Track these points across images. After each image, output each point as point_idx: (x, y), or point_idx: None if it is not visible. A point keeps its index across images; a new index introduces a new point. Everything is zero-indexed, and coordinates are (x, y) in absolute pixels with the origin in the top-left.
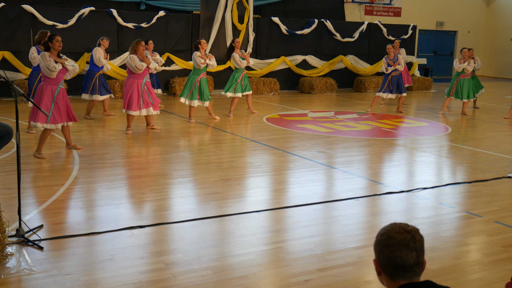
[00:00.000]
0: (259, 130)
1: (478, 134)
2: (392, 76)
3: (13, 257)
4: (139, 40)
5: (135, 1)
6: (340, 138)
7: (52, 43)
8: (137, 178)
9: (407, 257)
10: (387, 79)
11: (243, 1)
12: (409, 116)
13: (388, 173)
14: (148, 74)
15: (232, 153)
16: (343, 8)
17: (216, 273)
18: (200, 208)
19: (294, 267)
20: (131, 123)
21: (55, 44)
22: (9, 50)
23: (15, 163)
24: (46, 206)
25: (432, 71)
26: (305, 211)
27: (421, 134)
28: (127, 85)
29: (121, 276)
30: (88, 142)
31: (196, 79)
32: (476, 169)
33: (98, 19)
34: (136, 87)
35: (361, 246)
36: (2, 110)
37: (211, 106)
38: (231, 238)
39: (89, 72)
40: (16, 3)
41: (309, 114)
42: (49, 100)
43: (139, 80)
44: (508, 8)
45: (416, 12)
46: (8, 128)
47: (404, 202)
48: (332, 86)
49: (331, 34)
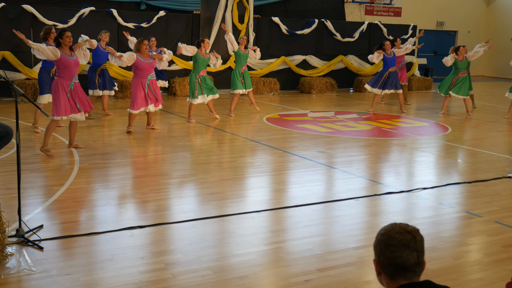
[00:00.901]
0: (259, 130)
1: (478, 134)
2: (389, 72)
3: (13, 257)
4: (142, 39)
5: (135, 1)
6: (340, 138)
7: (63, 39)
8: (137, 178)
9: (408, 257)
10: (383, 75)
11: (243, 1)
12: (409, 116)
13: (388, 173)
14: (153, 72)
15: (232, 153)
16: (343, 8)
17: (216, 273)
18: (200, 208)
19: (294, 267)
20: (132, 122)
21: (65, 40)
22: (9, 50)
23: (15, 163)
24: (46, 206)
25: (432, 71)
26: (305, 211)
27: (421, 134)
28: (132, 85)
29: (121, 276)
30: (88, 142)
31: (196, 77)
32: (476, 169)
33: (98, 19)
34: (141, 87)
35: (361, 246)
36: (2, 110)
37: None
38: (231, 238)
39: (91, 68)
40: (16, 3)
41: (309, 114)
42: (64, 94)
43: (143, 79)
44: (508, 8)
45: (416, 12)
46: (8, 128)
47: (404, 202)
48: (332, 86)
49: (331, 34)
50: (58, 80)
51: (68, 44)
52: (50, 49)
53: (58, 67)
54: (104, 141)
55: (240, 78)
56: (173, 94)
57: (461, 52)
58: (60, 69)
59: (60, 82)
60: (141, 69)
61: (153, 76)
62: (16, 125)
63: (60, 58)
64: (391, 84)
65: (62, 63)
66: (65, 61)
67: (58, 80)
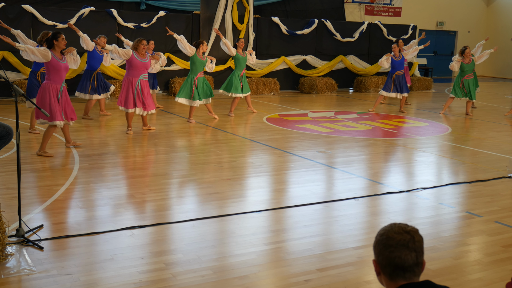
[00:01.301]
0: (259, 130)
1: (478, 134)
2: (396, 75)
3: (13, 257)
4: (141, 39)
5: (135, 1)
6: (340, 138)
7: (58, 41)
8: (137, 178)
9: (407, 258)
10: (392, 78)
11: (243, 1)
12: (409, 116)
13: (388, 173)
14: (146, 73)
15: (232, 153)
16: (343, 8)
17: (216, 273)
18: (200, 208)
19: (294, 267)
20: (131, 122)
21: (60, 42)
22: (9, 50)
23: (15, 163)
24: (46, 206)
25: (432, 71)
26: (305, 211)
27: (421, 134)
28: (123, 82)
29: (121, 276)
30: (87, 142)
31: (194, 78)
32: (476, 169)
33: (98, 19)
34: (131, 85)
35: (361, 246)
36: (2, 110)
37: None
38: (231, 238)
39: (86, 71)
40: (16, 3)
41: (309, 114)
42: (54, 98)
43: (134, 78)
44: (508, 8)
45: (416, 12)
46: (8, 129)
47: (404, 202)
48: (332, 86)
49: (331, 34)
50: (49, 84)
51: (62, 46)
52: (40, 51)
53: (48, 70)
54: (104, 141)
55: (240, 82)
56: (173, 94)
57: (467, 55)
58: (50, 72)
59: (50, 86)
60: (135, 68)
61: (145, 77)
62: (16, 125)
63: (51, 61)
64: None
65: (53, 66)
66: (56, 64)
67: (48, 84)
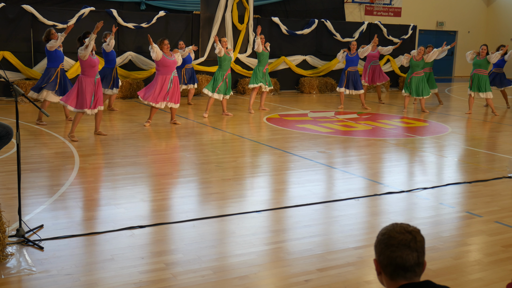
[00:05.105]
0: (259, 130)
1: (478, 134)
2: (348, 72)
3: (13, 257)
4: (163, 39)
5: (135, 1)
6: (340, 138)
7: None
8: (137, 178)
9: (408, 258)
10: (345, 74)
11: (243, 1)
12: (409, 116)
13: (388, 173)
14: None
15: (232, 153)
16: (343, 8)
17: (216, 273)
18: (200, 208)
19: (294, 267)
20: (153, 116)
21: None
22: (9, 50)
23: (15, 163)
24: (46, 206)
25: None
26: (305, 211)
27: (421, 134)
28: (156, 80)
29: (121, 276)
30: (88, 142)
31: (224, 75)
32: (476, 169)
33: (98, 19)
34: (165, 82)
35: (361, 246)
36: (2, 110)
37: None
38: (231, 238)
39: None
40: (16, 3)
41: (309, 114)
42: (91, 90)
43: (167, 76)
44: (508, 8)
45: (416, 12)
46: (8, 128)
47: (404, 202)
48: (332, 86)
49: (331, 34)
50: (86, 78)
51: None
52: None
53: (84, 66)
54: (104, 141)
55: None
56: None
57: (482, 53)
58: (86, 68)
59: (87, 80)
60: (167, 66)
61: (176, 73)
62: (16, 125)
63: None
64: (351, 85)
65: (89, 63)
66: (91, 61)
67: (83, 77)
